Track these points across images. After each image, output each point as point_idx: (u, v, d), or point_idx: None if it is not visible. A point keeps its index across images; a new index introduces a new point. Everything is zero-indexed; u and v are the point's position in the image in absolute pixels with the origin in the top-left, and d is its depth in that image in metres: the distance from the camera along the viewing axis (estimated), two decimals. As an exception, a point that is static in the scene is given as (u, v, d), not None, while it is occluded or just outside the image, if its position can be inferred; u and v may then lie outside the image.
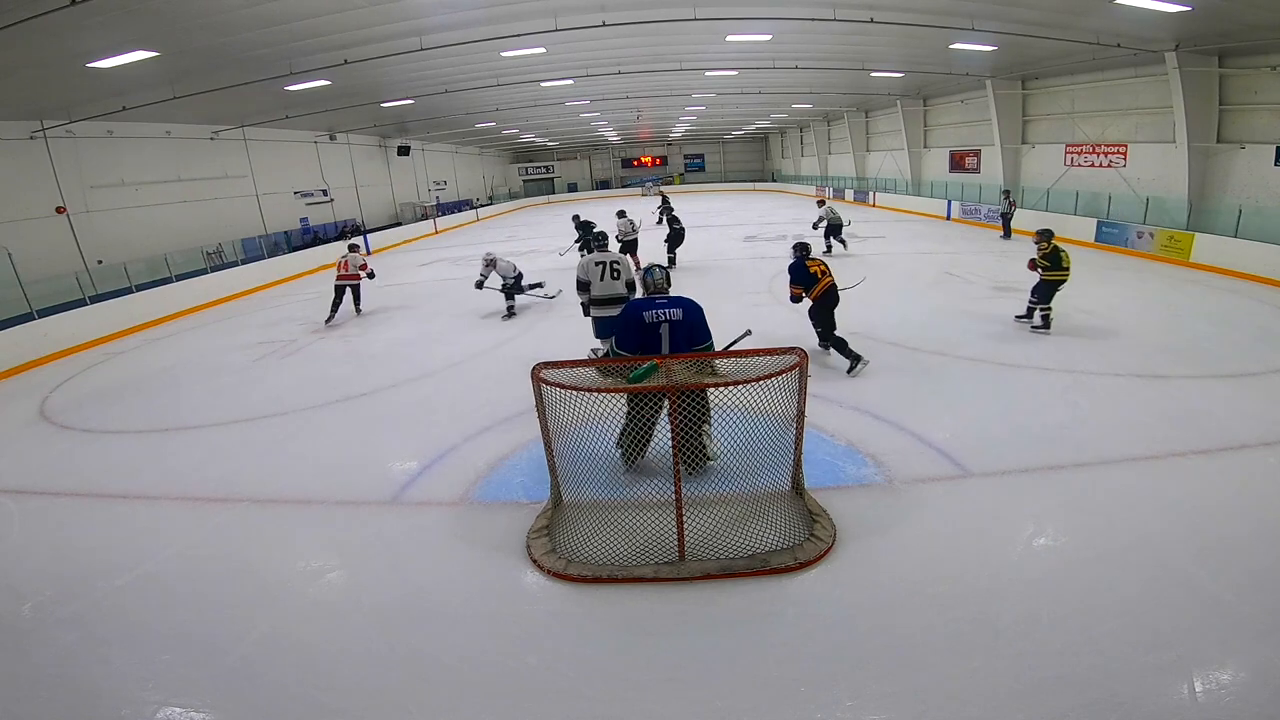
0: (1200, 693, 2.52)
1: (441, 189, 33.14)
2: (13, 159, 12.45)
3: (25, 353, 9.39)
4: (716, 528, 3.63)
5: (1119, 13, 10.18)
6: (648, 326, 4.10)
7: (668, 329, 4.09)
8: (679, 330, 4.12)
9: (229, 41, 10.14)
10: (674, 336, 4.10)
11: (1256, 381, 5.85)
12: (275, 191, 20.39)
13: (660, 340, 4.09)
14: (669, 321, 4.11)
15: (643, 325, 4.11)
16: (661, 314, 4.12)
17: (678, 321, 4.13)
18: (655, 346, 4.08)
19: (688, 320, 4.15)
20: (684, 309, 4.17)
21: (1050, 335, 7.45)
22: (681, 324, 4.13)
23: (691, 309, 4.20)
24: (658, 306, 4.16)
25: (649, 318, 4.13)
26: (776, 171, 43.04)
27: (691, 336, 4.15)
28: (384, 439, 5.62)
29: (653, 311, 4.14)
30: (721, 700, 2.65)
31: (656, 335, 4.09)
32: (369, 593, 3.52)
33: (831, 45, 14.52)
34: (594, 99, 22.18)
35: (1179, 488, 4.10)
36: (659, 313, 4.13)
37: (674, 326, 4.11)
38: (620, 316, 4.32)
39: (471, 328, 9.53)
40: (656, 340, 4.09)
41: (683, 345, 4.10)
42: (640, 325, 4.12)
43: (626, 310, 4.32)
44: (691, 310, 4.20)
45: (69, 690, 2.91)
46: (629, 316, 4.23)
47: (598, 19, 10.71)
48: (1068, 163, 17.00)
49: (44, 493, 5.05)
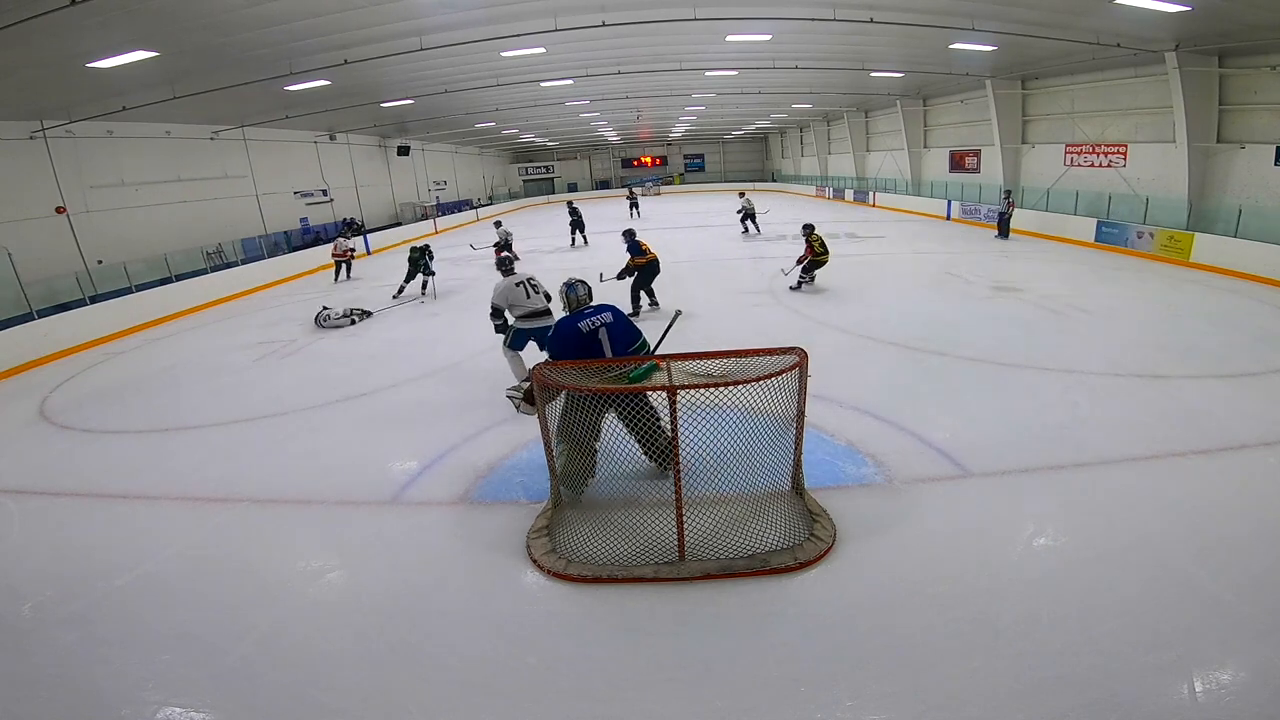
0: (1200, 693, 2.52)
1: (441, 189, 33.13)
2: (12, 159, 12.43)
3: (25, 353, 9.38)
4: (716, 528, 3.64)
5: (1119, 13, 10.17)
6: (586, 336, 4.20)
7: (605, 333, 4.23)
8: (615, 331, 4.26)
9: (229, 41, 10.13)
10: (612, 339, 4.23)
11: (1256, 381, 5.85)
12: (275, 191, 20.38)
13: (601, 345, 4.21)
14: (604, 326, 4.25)
15: (581, 336, 4.20)
16: (594, 322, 4.25)
17: (611, 324, 4.27)
18: (598, 352, 4.20)
19: (619, 323, 4.31)
20: (612, 312, 4.34)
21: (1049, 335, 7.45)
22: (615, 325, 4.28)
23: (617, 312, 4.38)
24: (588, 316, 4.29)
25: (585, 327, 4.23)
26: (776, 171, 43.03)
27: (626, 337, 4.30)
28: (384, 439, 5.62)
29: (586, 321, 4.25)
30: (721, 700, 2.65)
31: (597, 341, 4.21)
32: (369, 593, 3.52)
33: (831, 45, 14.52)
34: (594, 99, 22.17)
35: (1179, 488, 4.10)
36: (591, 321, 4.25)
37: (610, 329, 4.25)
38: (554, 334, 4.39)
39: (471, 327, 9.52)
40: (598, 346, 4.21)
41: (620, 346, 4.24)
42: (579, 336, 4.20)
43: (560, 327, 4.37)
44: (618, 313, 4.37)
45: (69, 690, 2.91)
46: (564, 332, 4.28)
47: (597, 19, 10.71)
48: (1067, 163, 17.00)
49: (44, 493, 5.05)
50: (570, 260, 15.83)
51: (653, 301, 9.61)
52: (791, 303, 9.75)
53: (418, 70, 14.07)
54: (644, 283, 9.52)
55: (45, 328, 9.91)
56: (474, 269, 15.57)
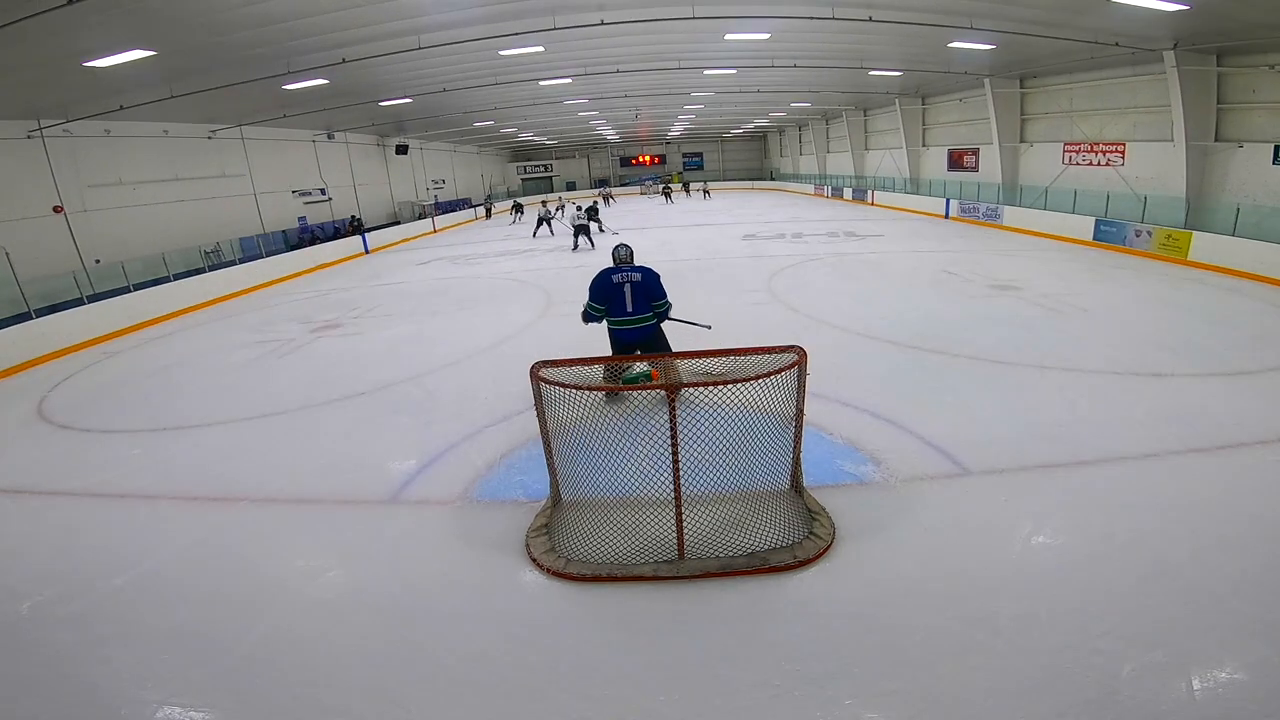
0: (1198, 691, 2.53)
1: (440, 188, 33.10)
2: (10, 158, 12.40)
3: (23, 352, 9.36)
4: (716, 526, 3.64)
5: (1117, 11, 10.17)
6: (615, 286, 5.38)
7: (630, 288, 5.37)
8: (638, 289, 5.39)
9: (226, 40, 10.11)
10: (634, 294, 5.38)
11: (1254, 380, 5.86)
12: (273, 190, 20.35)
13: (625, 297, 5.36)
14: (630, 282, 5.38)
15: (611, 285, 5.39)
16: (625, 276, 5.40)
17: (637, 283, 5.39)
18: (622, 301, 5.36)
19: (645, 282, 5.41)
20: (642, 274, 5.44)
21: (1048, 333, 7.46)
22: (640, 284, 5.39)
23: (649, 274, 5.46)
24: (622, 271, 5.43)
25: (616, 279, 5.38)
26: (775, 170, 43.03)
27: (649, 294, 5.43)
28: (383, 438, 5.61)
29: (619, 275, 5.41)
30: (721, 699, 2.65)
31: (622, 293, 5.37)
32: (368, 591, 3.52)
33: (830, 44, 14.51)
34: (592, 98, 22.16)
35: (1177, 486, 4.11)
36: (623, 275, 5.40)
37: (634, 286, 5.38)
38: (594, 280, 5.50)
39: (471, 327, 9.53)
40: (623, 297, 5.36)
41: (641, 301, 5.39)
42: (610, 285, 5.39)
43: (598, 275, 5.50)
44: (649, 275, 5.46)
45: (69, 690, 2.91)
46: (599, 279, 5.45)
47: (596, 18, 10.70)
48: (1066, 161, 17.01)
49: (42, 492, 5.04)
50: (569, 260, 15.83)
51: None
52: (790, 301, 9.75)
53: (416, 69, 14.05)
54: None
55: (43, 327, 9.90)
56: (477, 267, 15.54)
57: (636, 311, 5.39)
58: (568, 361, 3.65)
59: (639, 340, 5.47)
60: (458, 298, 11.91)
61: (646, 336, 5.45)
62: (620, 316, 5.44)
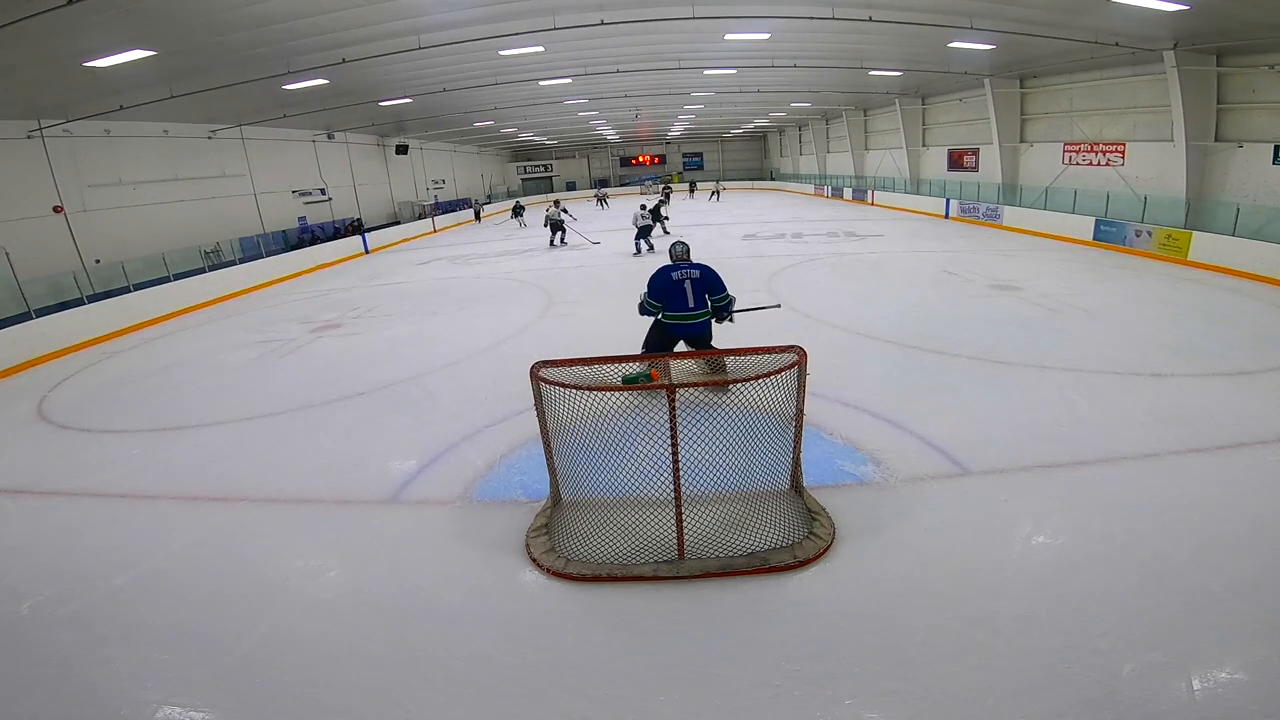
0: (1198, 691, 2.53)
1: (440, 188, 33.09)
2: (10, 158, 12.40)
3: (23, 352, 9.36)
4: (716, 526, 3.64)
5: (1117, 11, 10.17)
6: (675, 283, 5.57)
7: (689, 284, 5.56)
8: (698, 285, 5.57)
9: (226, 40, 10.11)
10: (694, 289, 5.56)
11: (1254, 380, 5.86)
12: (273, 190, 20.35)
13: (686, 293, 5.54)
14: (690, 279, 5.57)
15: (671, 282, 5.58)
16: (683, 273, 5.61)
17: (696, 279, 5.58)
18: (682, 297, 5.54)
19: (704, 278, 5.62)
20: (701, 270, 5.66)
21: (1048, 333, 7.46)
22: (699, 280, 5.59)
23: (707, 270, 5.69)
24: (681, 269, 5.64)
25: (676, 276, 5.59)
26: (775, 170, 43.03)
27: (708, 289, 5.61)
28: (383, 438, 5.61)
29: (678, 272, 5.62)
30: (721, 699, 2.65)
31: (682, 289, 5.55)
32: (368, 591, 3.52)
33: (830, 44, 14.51)
34: (592, 98, 22.15)
35: (1177, 486, 4.11)
36: (682, 272, 5.61)
37: (694, 283, 5.57)
38: (653, 277, 5.71)
39: (471, 327, 9.53)
40: (683, 293, 5.55)
41: (700, 295, 5.57)
42: (670, 282, 5.59)
43: (658, 271, 5.72)
44: (707, 271, 5.68)
45: (69, 690, 2.91)
46: (659, 276, 5.65)
47: (596, 18, 10.70)
48: (1066, 161, 17.01)
49: (42, 492, 5.05)
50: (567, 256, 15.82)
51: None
52: (791, 301, 9.75)
53: (416, 69, 14.05)
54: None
55: (43, 327, 9.89)
56: (474, 267, 15.55)
57: (698, 307, 5.58)
58: (568, 361, 3.65)
59: (692, 335, 5.67)
60: (458, 298, 11.91)
61: (701, 331, 5.66)
62: (680, 311, 5.58)
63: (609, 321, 9.16)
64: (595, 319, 9.47)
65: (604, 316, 9.52)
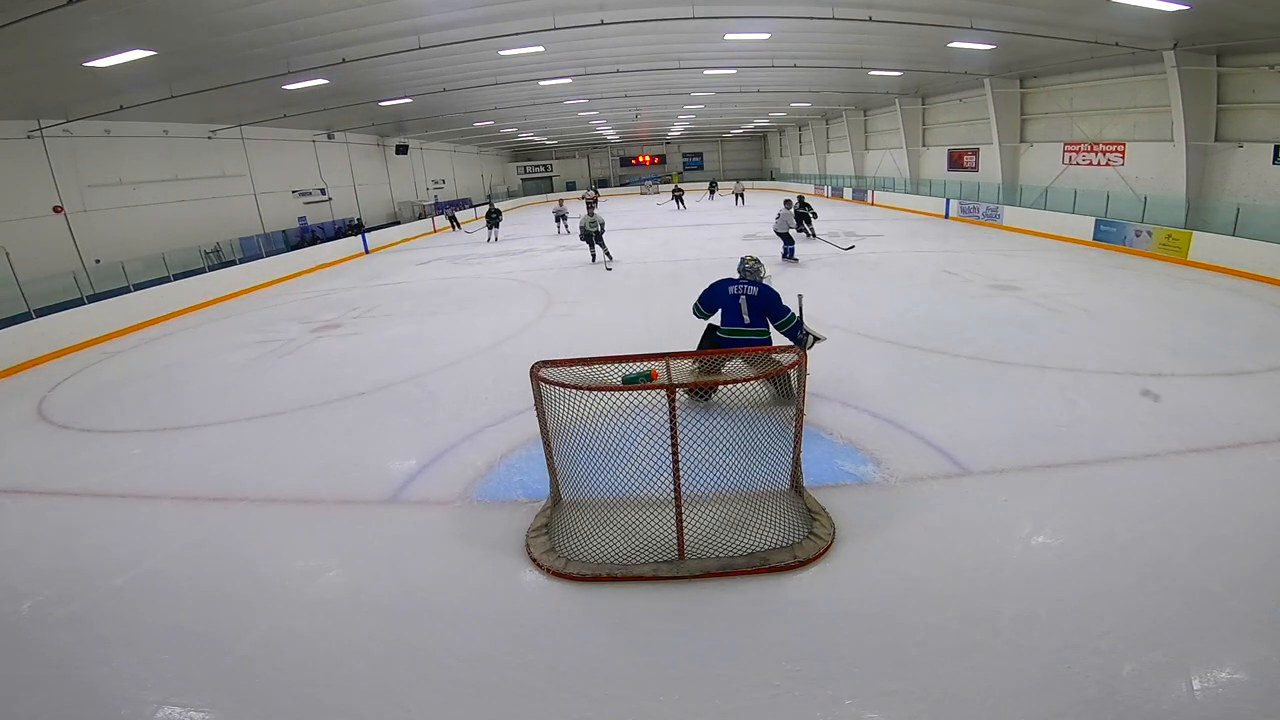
0: (1198, 690, 2.53)
1: (440, 188, 33.09)
2: (10, 158, 12.40)
3: (23, 352, 9.36)
4: (716, 526, 3.64)
5: (1117, 11, 10.17)
6: (730, 296, 5.43)
7: (745, 300, 5.40)
8: (754, 303, 5.39)
9: (226, 40, 10.11)
10: (750, 307, 5.39)
11: (1254, 380, 5.86)
12: (273, 190, 20.35)
13: (741, 309, 5.40)
14: (746, 295, 5.40)
15: (726, 295, 5.45)
16: (740, 289, 5.43)
17: (753, 296, 5.40)
18: (737, 311, 5.41)
19: (761, 298, 5.40)
20: (759, 289, 5.44)
21: (1048, 333, 7.46)
22: (756, 299, 5.39)
23: (766, 290, 5.46)
24: (738, 283, 5.48)
25: (733, 290, 5.45)
26: (775, 170, 43.02)
27: (767, 310, 5.39)
28: (383, 438, 5.61)
29: (735, 286, 5.46)
30: (721, 699, 2.65)
31: (737, 305, 5.41)
32: (368, 592, 3.52)
33: (830, 44, 14.51)
34: (592, 98, 22.14)
35: (1177, 486, 4.10)
36: (739, 287, 5.44)
37: (750, 300, 5.40)
38: (711, 286, 5.59)
39: (471, 326, 9.53)
40: (738, 309, 5.41)
41: (757, 314, 5.39)
42: (725, 295, 5.46)
43: (716, 283, 5.58)
44: (766, 290, 5.46)
45: (69, 690, 2.91)
46: (717, 289, 5.53)
47: (596, 18, 10.70)
48: (1066, 161, 17.01)
49: (42, 492, 5.04)
50: (562, 256, 15.81)
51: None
52: (790, 301, 9.73)
53: (416, 69, 14.04)
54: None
55: (43, 327, 9.89)
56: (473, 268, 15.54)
57: (754, 324, 5.43)
58: (568, 361, 3.65)
59: None
60: (458, 298, 11.91)
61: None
62: (735, 326, 5.45)
63: (609, 321, 9.17)
64: (595, 319, 9.47)
65: (604, 316, 9.52)
